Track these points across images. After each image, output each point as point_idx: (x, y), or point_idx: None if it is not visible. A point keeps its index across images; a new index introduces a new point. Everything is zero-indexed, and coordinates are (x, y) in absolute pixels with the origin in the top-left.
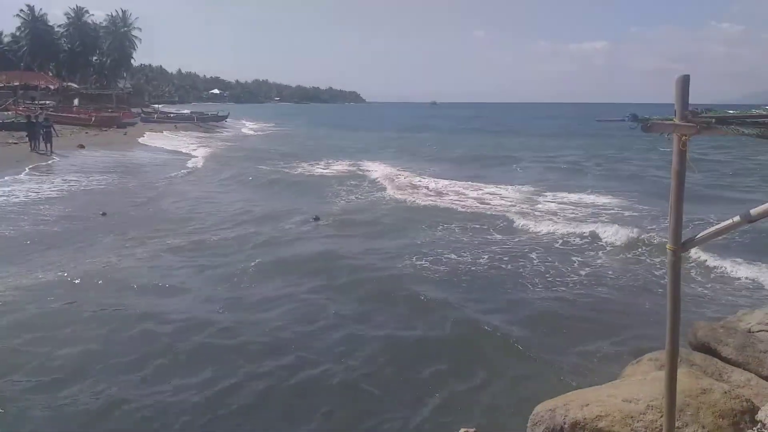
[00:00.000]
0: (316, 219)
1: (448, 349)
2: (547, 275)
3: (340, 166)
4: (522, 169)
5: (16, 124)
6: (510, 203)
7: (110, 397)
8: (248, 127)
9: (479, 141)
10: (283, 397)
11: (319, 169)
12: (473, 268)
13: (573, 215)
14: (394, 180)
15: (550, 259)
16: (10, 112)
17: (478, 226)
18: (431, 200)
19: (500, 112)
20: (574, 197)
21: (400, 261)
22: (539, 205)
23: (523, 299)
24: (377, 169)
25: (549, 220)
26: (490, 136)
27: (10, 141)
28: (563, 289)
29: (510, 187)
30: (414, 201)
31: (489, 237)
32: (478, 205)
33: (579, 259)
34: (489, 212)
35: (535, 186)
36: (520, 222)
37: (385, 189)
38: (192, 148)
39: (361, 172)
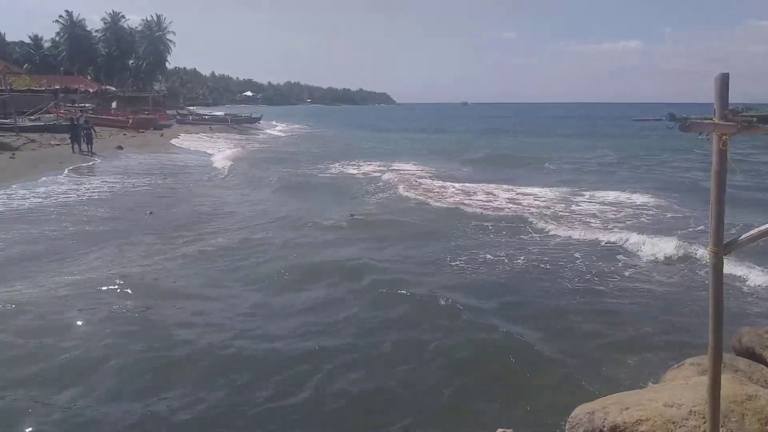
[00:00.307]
0: (352, 216)
1: (485, 353)
2: (587, 276)
3: (370, 167)
4: (556, 169)
5: (58, 126)
6: (545, 204)
7: (132, 398)
8: (281, 129)
9: (511, 142)
10: (306, 405)
11: (350, 170)
12: (508, 269)
13: (612, 216)
14: (425, 181)
15: (588, 261)
16: (51, 115)
17: (512, 228)
18: (462, 202)
19: (532, 113)
20: (610, 197)
21: (433, 265)
22: (575, 206)
23: (561, 302)
24: (407, 170)
25: (586, 221)
26: (522, 136)
27: (53, 143)
28: (602, 289)
29: (544, 188)
30: (445, 202)
31: (524, 239)
32: (511, 206)
33: (620, 260)
34: (523, 214)
35: (569, 186)
36: (555, 224)
37: (415, 190)
38: (227, 150)
39: (391, 173)
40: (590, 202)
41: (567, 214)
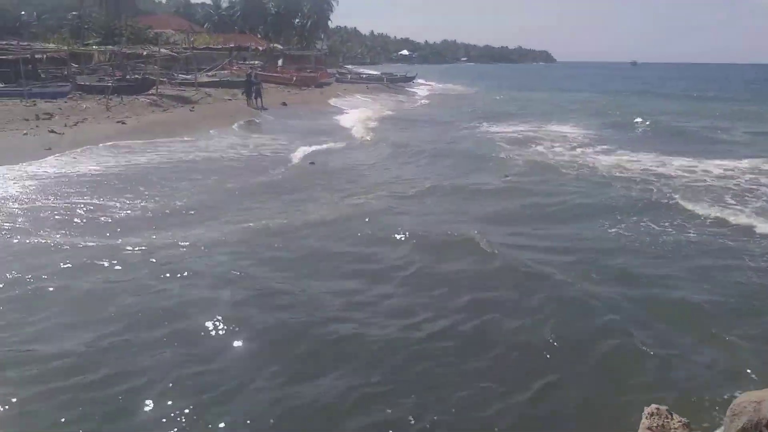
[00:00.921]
0: (506, 176)
1: (647, 323)
2: None
3: (523, 128)
4: (741, 140)
5: (230, 82)
6: (728, 175)
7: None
8: (434, 89)
9: (686, 107)
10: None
11: (502, 131)
12: (676, 252)
13: None
14: (581, 145)
15: None
16: (226, 71)
17: (682, 203)
18: (624, 167)
19: (711, 75)
20: None
21: (585, 240)
22: (765, 179)
23: (736, 291)
24: (563, 132)
25: None
26: (699, 102)
27: (226, 98)
28: None
29: (722, 160)
30: (604, 169)
31: (694, 219)
32: (685, 175)
33: None
34: (696, 187)
35: (752, 159)
36: (735, 201)
37: (570, 154)
38: (380, 109)
39: (546, 136)
40: None
41: (754, 187)
